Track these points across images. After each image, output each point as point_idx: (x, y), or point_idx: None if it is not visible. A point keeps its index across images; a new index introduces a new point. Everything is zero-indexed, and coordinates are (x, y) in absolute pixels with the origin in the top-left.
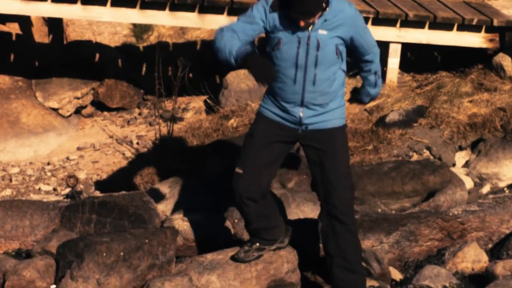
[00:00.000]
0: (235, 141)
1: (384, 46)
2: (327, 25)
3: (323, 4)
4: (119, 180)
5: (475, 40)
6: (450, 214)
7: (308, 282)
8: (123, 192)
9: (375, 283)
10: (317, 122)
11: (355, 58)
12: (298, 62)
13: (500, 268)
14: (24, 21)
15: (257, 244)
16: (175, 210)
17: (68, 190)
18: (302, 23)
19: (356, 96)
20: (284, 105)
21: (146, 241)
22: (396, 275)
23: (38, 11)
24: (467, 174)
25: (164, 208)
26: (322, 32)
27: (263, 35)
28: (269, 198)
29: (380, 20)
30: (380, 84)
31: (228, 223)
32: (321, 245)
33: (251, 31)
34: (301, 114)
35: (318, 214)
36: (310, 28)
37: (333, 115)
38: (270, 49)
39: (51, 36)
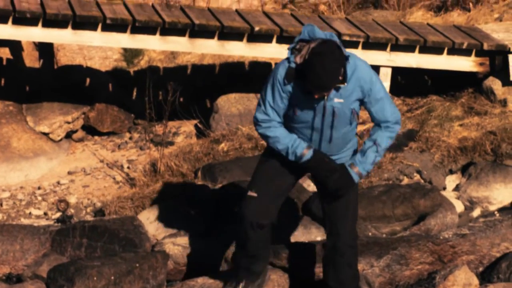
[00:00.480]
0: (226, 165)
1: (374, 70)
2: (342, 93)
3: (340, 78)
4: (110, 204)
5: (465, 64)
6: (441, 237)
7: None
8: (114, 216)
9: None
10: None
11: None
12: (314, 126)
13: None
14: (15, 46)
15: (243, 283)
16: (165, 234)
17: (58, 214)
18: (316, 96)
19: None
20: None
21: (137, 265)
22: None
23: (28, 36)
24: (458, 198)
25: (154, 232)
26: (338, 100)
27: None
28: (270, 226)
29: (370, 44)
30: (369, 159)
31: (219, 247)
32: (316, 270)
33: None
34: None
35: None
36: (325, 98)
37: (345, 156)
38: (285, 111)
39: (41, 61)
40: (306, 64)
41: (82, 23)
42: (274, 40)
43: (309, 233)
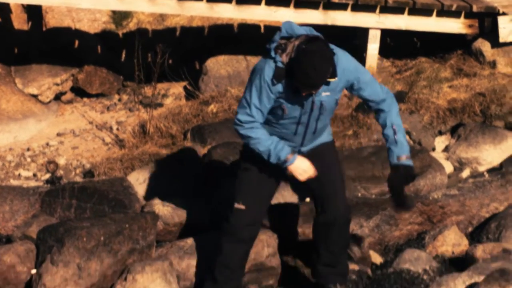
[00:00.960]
0: (215, 127)
1: (363, 32)
2: (330, 86)
3: (328, 75)
4: (99, 165)
5: (454, 26)
6: (430, 198)
7: (288, 266)
8: (103, 177)
9: (356, 267)
10: (311, 146)
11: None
12: (301, 120)
13: (480, 251)
14: (3, 8)
15: None
16: (155, 195)
17: (48, 175)
18: (304, 94)
19: (393, 185)
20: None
21: (127, 226)
22: (377, 258)
23: None
24: (447, 159)
25: (144, 193)
26: (325, 94)
27: None
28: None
29: (359, 6)
30: (404, 141)
31: (207, 208)
32: (299, 230)
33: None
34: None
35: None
36: (314, 93)
37: (324, 136)
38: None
39: (30, 23)
40: (295, 63)
41: None
42: (263, 2)
43: (282, 196)
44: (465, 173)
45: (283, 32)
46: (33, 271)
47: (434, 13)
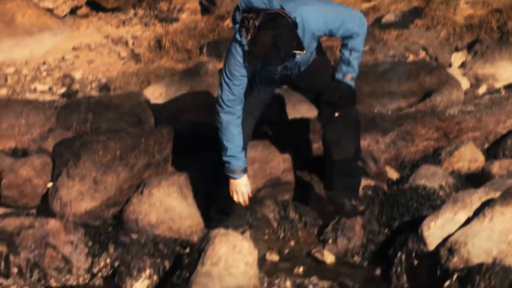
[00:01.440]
0: None
1: None
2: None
3: (291, 51)
4: (115, 80)
5: None
6: (447, 114)
7: (303, 182)
8: (119, 92)
9: (371, 182)
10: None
11: None
12: (282, 77)
13: (496, 167)
14: None
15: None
16: (171, 109)
17: (63, 89)
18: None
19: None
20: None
21: (143, 140)
22: (392, 174)
23: None
24: (464, 75)
25: (160, 107)
26: (299, 56)
27: None
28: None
29: None
30: (355, 66)
31: None
32: (314, 145)
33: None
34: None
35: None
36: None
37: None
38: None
39: None
40: (257, 44)
41: None
42: None
43: (314, 109)
44: (482, 89)
45: (242, 7)
46: (49, 184)
47: None
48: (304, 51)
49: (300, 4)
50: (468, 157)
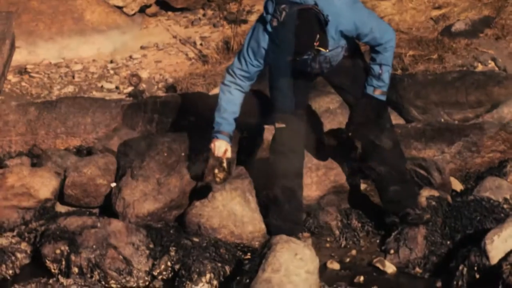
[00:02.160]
0: None
1: None
2: (331, 47)
3: (315, 43)
4: (182, 80)
5: None
6: None
7: (367, 189)
8: (186, 92)
9: (435, 193)
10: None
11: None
12: (312, 66)
13: None
14: None
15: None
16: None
17: (130, 88)
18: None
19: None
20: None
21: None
22: (457, 185)
23: None
24: None
25: None
26: (328, 52)
27: None
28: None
29: None
30: (386, 80)
31: None
32: None
33: (255, 75)
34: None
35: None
36: (315, 53)
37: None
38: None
39: None
40: (281, 32)
41: None
42: None
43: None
44: None
45: None
46: (113, 184)
47: None
48: (328, 50)
49: (334, 1)
50: None
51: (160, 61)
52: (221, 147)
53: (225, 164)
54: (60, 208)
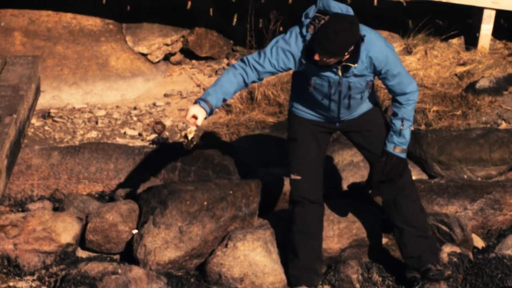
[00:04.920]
0: None
1: (477, 12)
2: (356, 71)
3: (346, 54)
4: (205, 129)
5: None
6: None
7: (388, 243)
8: (209, 141)
9: (457, 249)
10: (353, 115)
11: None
12: (331, 98)
13: None
14: None
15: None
16: (260, 162)
17: (153, 136)
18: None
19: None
20: (321, 112)
21: (231, 192)
22: (479, 242)
23: None
24: None
25: (249, 160)
26: (352, 77)
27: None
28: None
29: None
30: (407, 136)
31: None
32: None
33: (264, 75)
34: (338, 121)
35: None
36: (340, 74)
37: (363, 107)
38: (300, 80)
39: None
40: (318, 28)
41: None
42: None
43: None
44: None
45: (319, 6)
46: (135, 231)
47: None
48: (355, 65)
49: (372, 30)
50: None
51: (183, 109)
52: (192, 112)
53: (188, 130)
54: (81, 254)
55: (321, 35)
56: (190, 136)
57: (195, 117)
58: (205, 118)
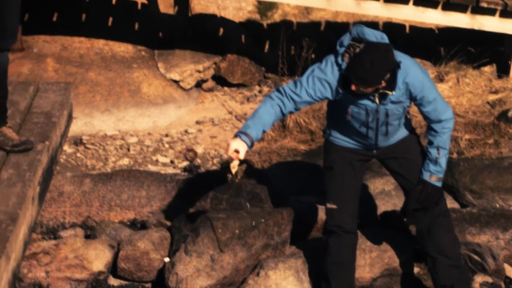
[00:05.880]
0: None
1: (510, 39)
2: (393, 98)
3: (384, 80)
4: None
5: None
6: None
7: (419, 274)
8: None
9: (489, 279)
10: (390, 141)
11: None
12: (369, 125)
13: None
14: None
15: None
16: (292, 191)
17: (185, 163)
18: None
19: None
20: (358, 140)
21: (262, 220)
22: (511, 272)
23: None
24: None
25: (281, 188)
26: (389, 104)
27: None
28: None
29: (508, 13)
30: (443, 165)
31: None
32: None
33: (301, 105)
34: (375, 148)
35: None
36: (377, 102)
37: (399, 134)
38: (336, 109)
39: (176, 8)
40: (353, 58)
41: None
42: (411, 2)
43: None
44: None
45: (353, 34)
46: (166, 259)
47: None
48: (393, 92)
49: (406, 56)
50: None
51: (215, 137)
52: (234, 146)
53: (232, 165)
54: (113, 282)
55: (357, 65)
56: (233, 171)
57: (237, 151)
58: (247, 152)
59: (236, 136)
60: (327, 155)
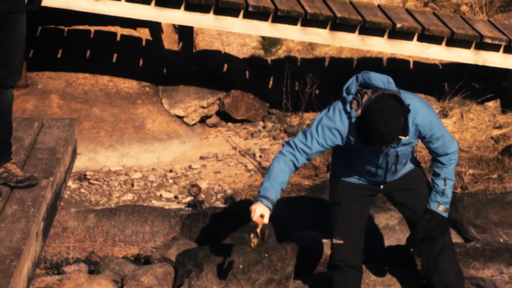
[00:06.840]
0: None
1: None
2: (405, 140)
3: (401, 128)
4: (241, 192)
5: None
6: None
7: None
8: (245, 204)
9: None
10: (397, 176)
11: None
12: (379, 165)
13: None
14: (155, 27)
15: None
16: (296, 226)
17: (189, 198)
18: (384, 148)
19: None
20: (366, 177)
21: (266, 255)
22: None
23: (170, 19)
24: None
25: (285, 223)
26: (401, 147)
27: None
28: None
29: None
30: (449, 195)
31: None
32: None
33: (313, 156)
34: (383, 183)
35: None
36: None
37: (406, 168)
38: (344, 151)
39: (180, 44)
40: (365, 122)
41: (224, 8)
42: (415, 38)
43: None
44: None
45: (360, 81)
46: None
47: None
48: (407, 137)
49: (413, 96)
50: None
51: (219, 172)
52: (259, 212)
53: (258, 230)
54: None
55: (375, 132)
56: (260, 236)
57: (262, 215)
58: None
59: (257, 200)
60: (334, 191)
